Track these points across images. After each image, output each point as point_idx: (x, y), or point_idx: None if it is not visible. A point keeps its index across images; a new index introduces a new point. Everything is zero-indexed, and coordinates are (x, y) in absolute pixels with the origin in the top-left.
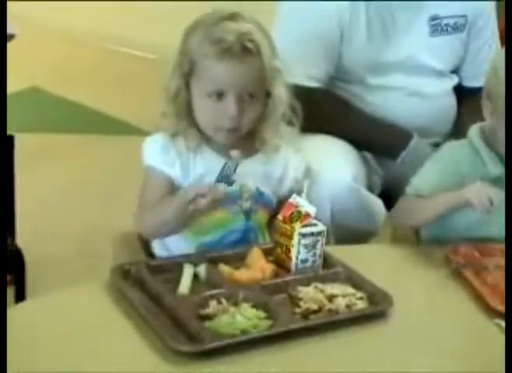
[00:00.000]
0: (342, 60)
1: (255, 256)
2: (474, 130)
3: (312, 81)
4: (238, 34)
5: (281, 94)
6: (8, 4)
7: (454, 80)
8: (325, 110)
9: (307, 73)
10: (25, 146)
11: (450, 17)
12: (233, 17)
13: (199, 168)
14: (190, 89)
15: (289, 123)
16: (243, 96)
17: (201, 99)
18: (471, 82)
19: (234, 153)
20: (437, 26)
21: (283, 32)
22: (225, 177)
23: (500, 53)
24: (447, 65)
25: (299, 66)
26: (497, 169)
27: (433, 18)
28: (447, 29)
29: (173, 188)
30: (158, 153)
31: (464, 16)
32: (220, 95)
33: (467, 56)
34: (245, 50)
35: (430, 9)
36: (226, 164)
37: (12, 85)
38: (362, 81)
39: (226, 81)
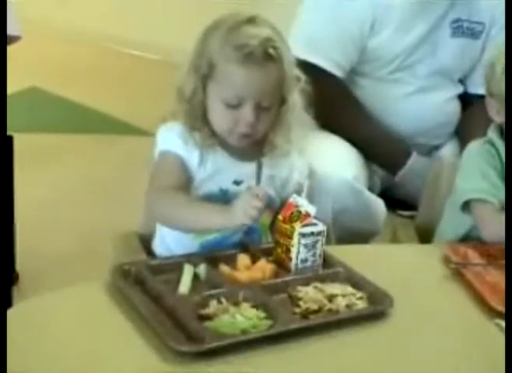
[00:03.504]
0: (365, 52)
1: (243, 262)
2: (492, 130)
3: (334, 67)
4: (261, 40)
5: (295, 101)
6: (12, 4)
7: (460, 88)
8: (335, 104)
9: (334, 58)
10: (25, 146)
11: (471, 22)
12: (252, 21)
13: (209, 167)
14: (206, 91)
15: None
16: (260, 103)
17: (218, 103)
18: (477, 89)
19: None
20: (458, 29)
21: (316, 16)
22: None
23: (496, 50)
24: (460, 69)
25: (326, 50)
26: None
27: (456, 20)
28: (466, 33)
29: (188, 175)
30: (176, 139)
31: (482, 23)
32: (238, 100)
33: (478, 63)
34: (267, 56)
35: (454, 12)
36: None
37: (12, 85)
38: (374, 74)
39: (246, 87)
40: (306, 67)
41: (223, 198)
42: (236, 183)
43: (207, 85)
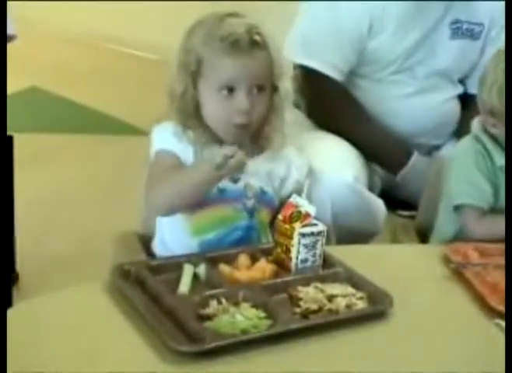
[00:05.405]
0: (364, 54)
1: (243, 262)
2: (476, 126)
3: (332, 69)
4: (246, 27)
5: (287, 89)
6: (8, 4)
7: (460, 89)
8: (335, 106)
9: (331, 62)
10: (25, 146)
11: (470, 23)
12: (235, 14)
13: None
14: (197, 88)
15: (295, 126)
16: (252, 90)
17: (211, 96)
18: (476, 89)
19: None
20: (458, 30)
21: (314, 18)
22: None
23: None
24: (460, 70)
25: (324, 53)
26: (503, 160)
27: (455, 21)
28: (466, 34)
29: None
30: (171, 138)
31: (481, 24)
32: (230, 89)
33: (478, 64)
34: (253, 43)
35: (453, 13)
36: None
37: (12, 85)
38: (374, 76)
39: (236, 75)
40: (304, 70)
41: (221, 197)
42: (234, 180)
43: (197, 81)
